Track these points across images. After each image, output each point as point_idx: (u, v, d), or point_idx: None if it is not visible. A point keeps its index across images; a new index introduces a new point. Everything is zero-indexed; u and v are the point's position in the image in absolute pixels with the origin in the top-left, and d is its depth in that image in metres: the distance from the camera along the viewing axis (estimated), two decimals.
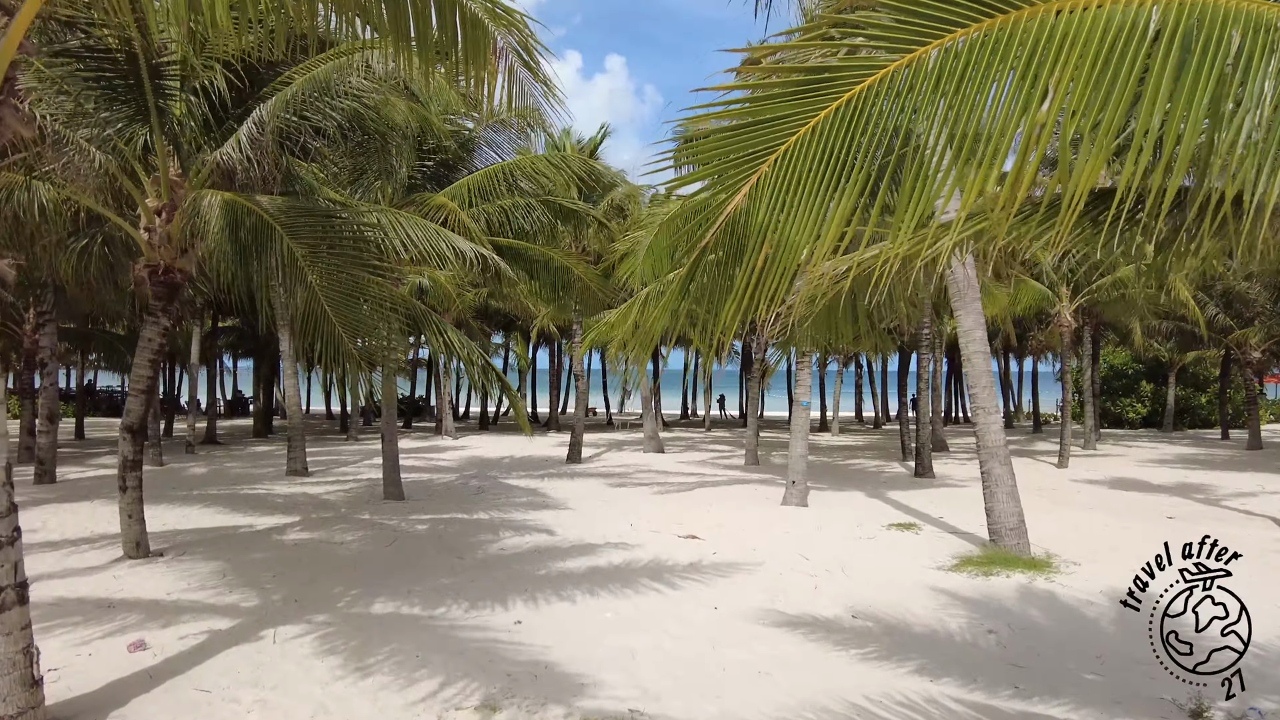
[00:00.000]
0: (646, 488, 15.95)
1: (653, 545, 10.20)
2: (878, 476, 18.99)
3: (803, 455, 13.95)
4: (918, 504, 14.26)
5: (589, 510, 13.17)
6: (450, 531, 11.12)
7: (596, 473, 18.78)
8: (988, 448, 9.78)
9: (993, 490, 9.71)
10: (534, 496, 14.72)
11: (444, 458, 22.48)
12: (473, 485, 16.45)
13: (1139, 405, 38.55)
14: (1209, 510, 13.63)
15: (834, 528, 11.59)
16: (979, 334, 9.95)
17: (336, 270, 7.53)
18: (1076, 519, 12.59)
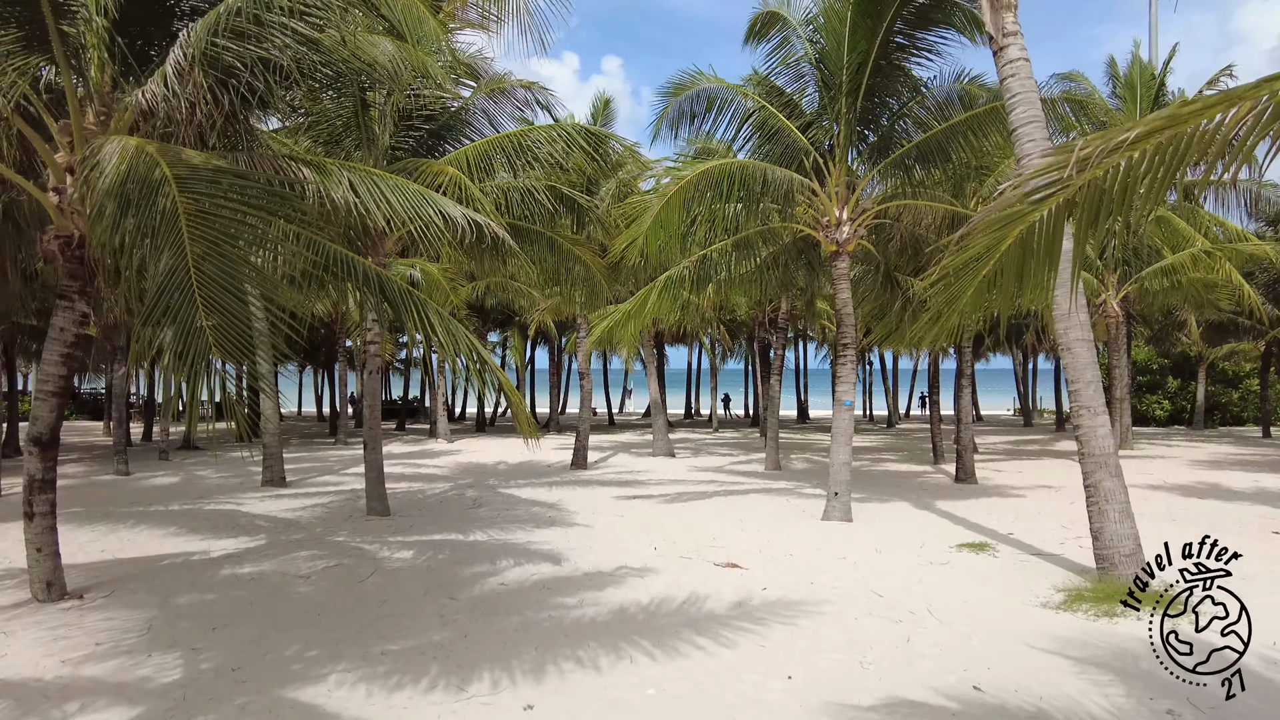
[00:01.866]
0: (663, 499, 14.17)
1: (685, 576, 8.42)
2: (916, 483, 17.22)
3: (846, 463, 12.16)
4: (976, 517, 12.50)
5: (602, 527, 11.38)
6: (440, 559, 9.32)
7: (605, 480, 16.98)
8: (1094, 456, 8.01)
9: (1101, 508, 7.94)
10: (538, 510, 12.92)
11: (437, 464, 20.68)
12: (469, 497, 14.66)
13: (1165, 402, 36.88)
14: None
15: (895, 551, 9.82)
16: (1081, 317, 8.19)
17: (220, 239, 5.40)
18: (1168, 536, 10.79)
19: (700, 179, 11.04)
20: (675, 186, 10.97)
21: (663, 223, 11.31)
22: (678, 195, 11.07)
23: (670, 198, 11.11)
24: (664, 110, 12.54)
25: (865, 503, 13.71)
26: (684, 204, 11.28)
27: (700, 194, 11.35)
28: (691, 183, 11.04)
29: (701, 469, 19.41)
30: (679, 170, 11.37)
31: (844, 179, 12.41)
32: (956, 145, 11.80)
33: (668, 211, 11.20)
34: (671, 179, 11.39)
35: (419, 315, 7.34)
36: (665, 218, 11.27)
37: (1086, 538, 10.86)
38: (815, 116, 12.92)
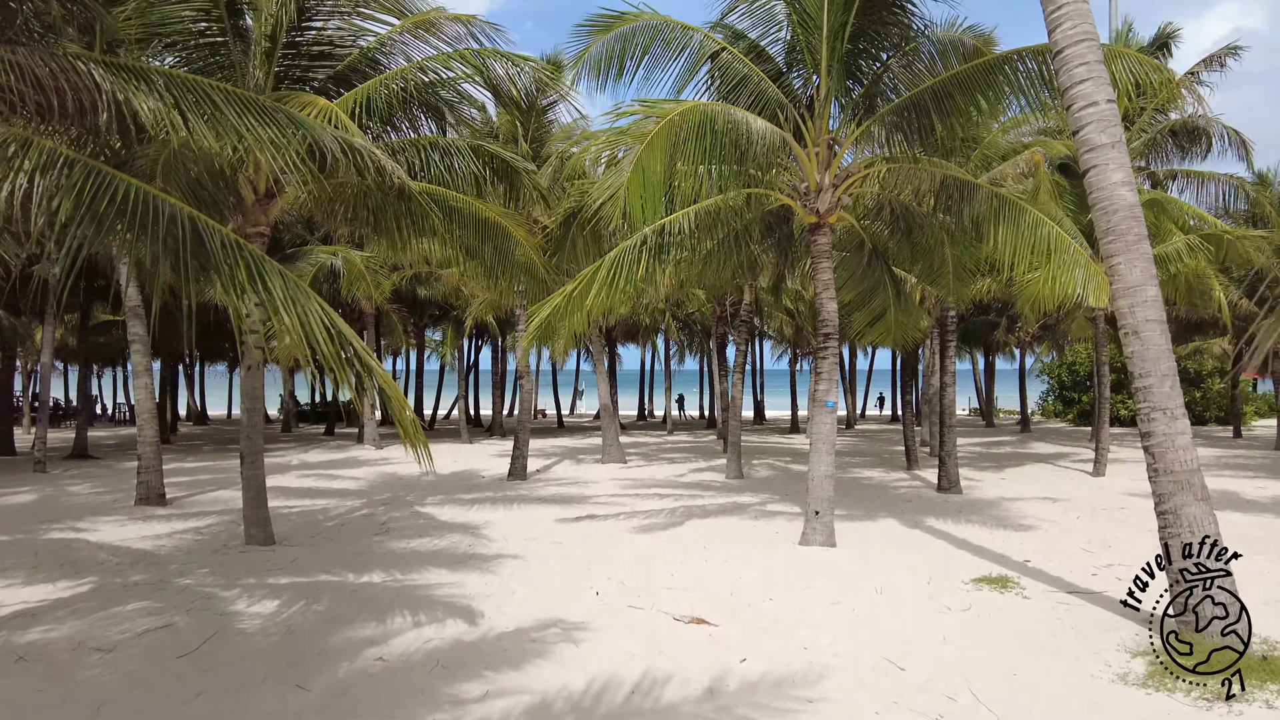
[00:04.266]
0: (613, 520, 11.99)
1: (636, 639, 6.28)
2: (896, 494, 15.35)
3: (828, 476, 10.15)
4: (979, 538, 10.61)
5: (534, 562, 9.18)
6: (311, 615, 7.03)
7: (545, 495, 14.75)
8: (1173, 473, 6.09)
9: (1184, 542, 6.01)
10: (456, 538, 10.65)
11: (355, 475, 18.21)
12: (380, 517, 12.32)
13: (1129, 402, 35.85)
14: None
15: (900, 590, 7.81)
16: (1151, 291, 6.27)
17: None
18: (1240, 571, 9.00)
19: (683, 119, 8.67)
20: (658, 125, 8.53)
21: (645, 172, 8.48)
22: (662, 135, 8.55)
23: (653, 138, 8.51)
24: (584, 50, 10.12)
25: (846, 520, 11.73)
26: (670, 148, 8.68)
27: (683, 142, 8.83)
28: (676, 122, 8.64)
29: (656, 480, 17.29)
30: (659, 106, 8.92)
31: (825, 138, 10.40)
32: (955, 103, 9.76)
33: (650, 157, 8.50)
34: (646, 117, 8.71)
35: (251, 275, 5.07)
36: (648, 164, 8.49)
37: (1120, 565, 9.05)
38: (788, 64, 10.89)
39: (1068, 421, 38.72)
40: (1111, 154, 6.36)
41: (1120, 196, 6.32)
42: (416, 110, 11.38)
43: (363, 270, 23.97)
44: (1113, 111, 6.42)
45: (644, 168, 8.30)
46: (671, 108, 8.90)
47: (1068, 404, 39.10)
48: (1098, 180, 6.40)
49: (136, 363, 13.99)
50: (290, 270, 21.54)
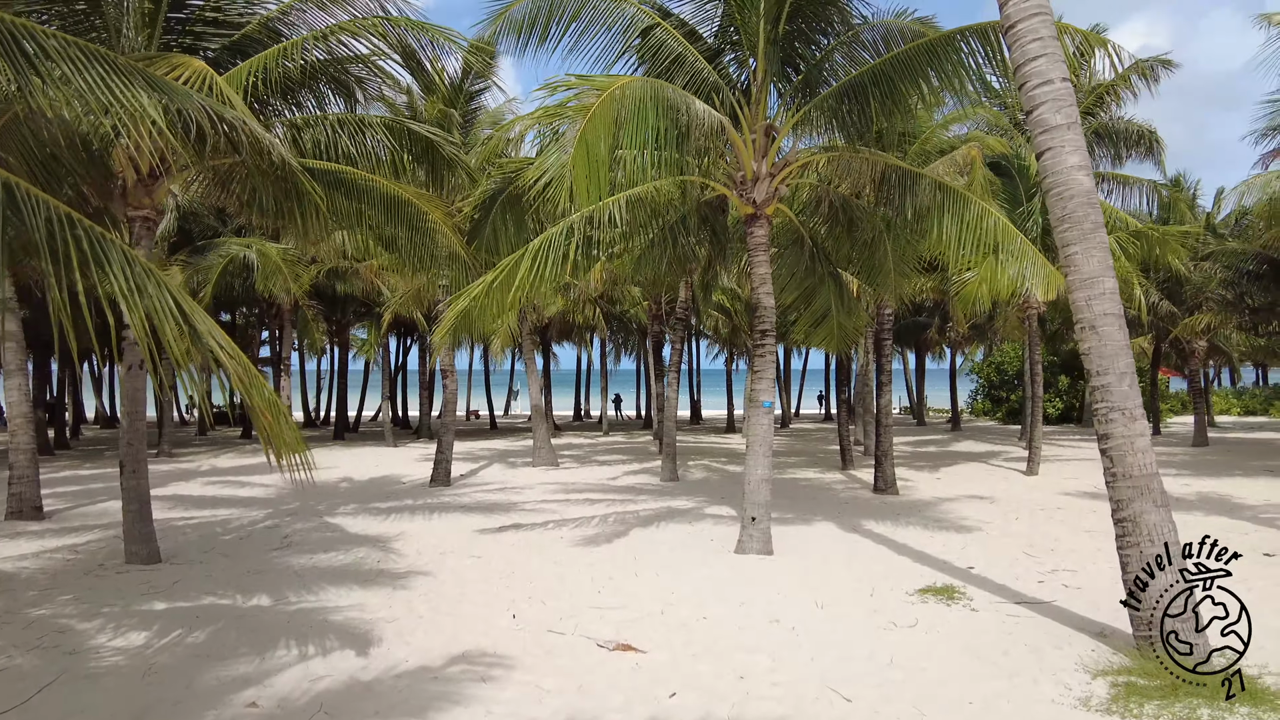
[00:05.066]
0: (539, 529, 11.25)
1: (555, 673, 5.58)
2: (833, 495, 14.97)
3: (765, 479, 9.62)
4: (919, 542, 10.22)
5: (448, 579, 8.39)
6: (183, 648, 6.13)
7: (468, 502, 13.90)
8: (1131, 478, 5.67)
9: (1144, 551, 5.61)
10: (364, 553, 9.77)
11: (267, 481, 17.01)
12: (284, 529, 11.32)
13: (1056, 400, 36.69)
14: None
15: (841, 603, 7.29)
16: (1110, 283, 5.85)
17: None
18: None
19: (625, 93, 7.90)
20: (600, 98, 7.70)
21: (590, 149, 7.58)
22: (604, 109, 7.71)
23: (595, 112, 7.65)
24: (506, 6, 9.27)
25: (783, 524, 11.24)
26: (613, 126, 7.82)
27: (625, 122, 7.98)
28: (618, 97, 7.84)
29: (588, 483, 16.59)
30: (596, 79, 8.09)
31: (762, 124, 9.86)
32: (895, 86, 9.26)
33: (594, 133, 7.62)
34: (584, 92, 7.81)
35: (86, 257, 4.21)
36: (592, 140, 7.60)
37: (1064, 570, 8.74)
38: (722, 45, 10.32)
39: (996, 420, 39.39)
40: (1067, 135, 5.93)
41: (1076, 181, 5.89)
42: (324, 86, 10.47)
43: (279, 263, 22.64)
44: (1068, 90, 6.00)
45: (588, 144, 7.52)
46: (610, 81, 8.17)
47: (996, 402, 39.78)
48: (1053, 163, 5.96)
49: (8, 361, 12.64)
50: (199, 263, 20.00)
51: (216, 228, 24.52)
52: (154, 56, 7.25)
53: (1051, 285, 9.54)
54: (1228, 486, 15.36)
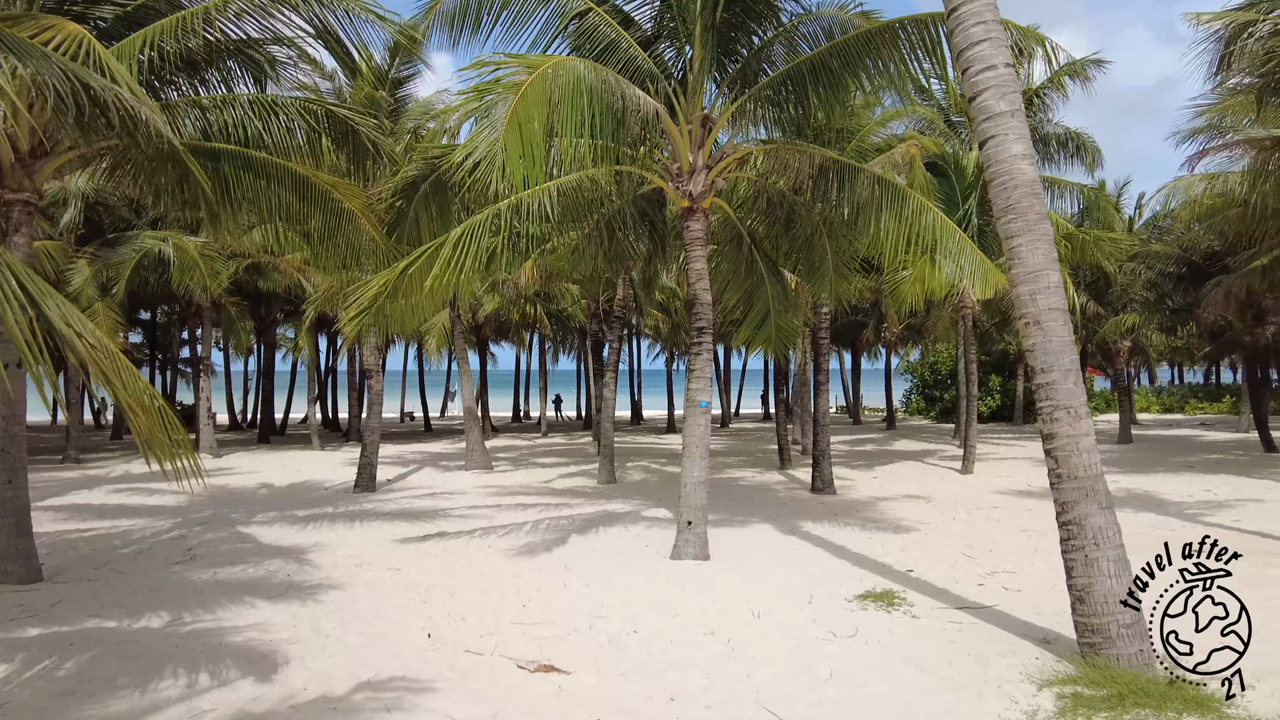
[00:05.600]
0: (465, 537, 10.70)
1: (470, 698, 5.10)
2: (771, 495, 14.75)
3: (701, 482, 9.27)
4: (858, 544, 10.01)
5: (361, 594, 7.81)
6: (46, 684, 5.46)
7: (393, 509, 13.25)
8: (1076, 479, 5.47)
9: (1089, 556, 5.40)
10: (275, 565, 9.11)
11: (179, 489, 16.01)
12: (190, 541, 10.54)
13: (988, 399, 37.45)
14: (1227, 535, 10.26)
15: (778, 611, 6.96)
16: (1054, 277, 5.64)
17: None
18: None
19: (557, 73, 7.39)
20: (532, 75, 7.17)
21: (523, 127, 6.99)
22: (537, 87, 7.19)
23: (528, 89, 7.11)
24: (434, 1, 8.76)
25: (720, 526, 10.93)
26: (546, 106, 7.30)
27: (558, 104, 7.45)
28: (550, 76, 7.33)
29: (522, 487, 16.05)
30: (527, 58, 7.55)
31: (698, 114, 9.52)
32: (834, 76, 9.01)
33: (526, 111, 7.04)
34: (515, 71, 7.25)
35: None
36: (525, 118, 7.02)
37: (1003, 572, 8.59)
38: (657, 32, 9.94)
39: (931, 419, 40.01)
40: (1011, 123, 5.70)
41: (1021, 170, 5.66)
42: (232, 63, 9.77)
43: (196, 258, 21.46)
44: (1011, 76, 5.77)
45: (521, 123, 7.01)
46: (542, 60, 7.68)
47: (930, 401, 40.43)
48: (996, 152, 5.72)
49: None
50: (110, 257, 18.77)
51: (130, 219, 23.18)
52: (20, 17, 6.51)
53: (989, 283, 9.42)
54: (1153, 483, 15.64)
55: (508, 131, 6.71)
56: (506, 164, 6.80)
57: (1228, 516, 11.84)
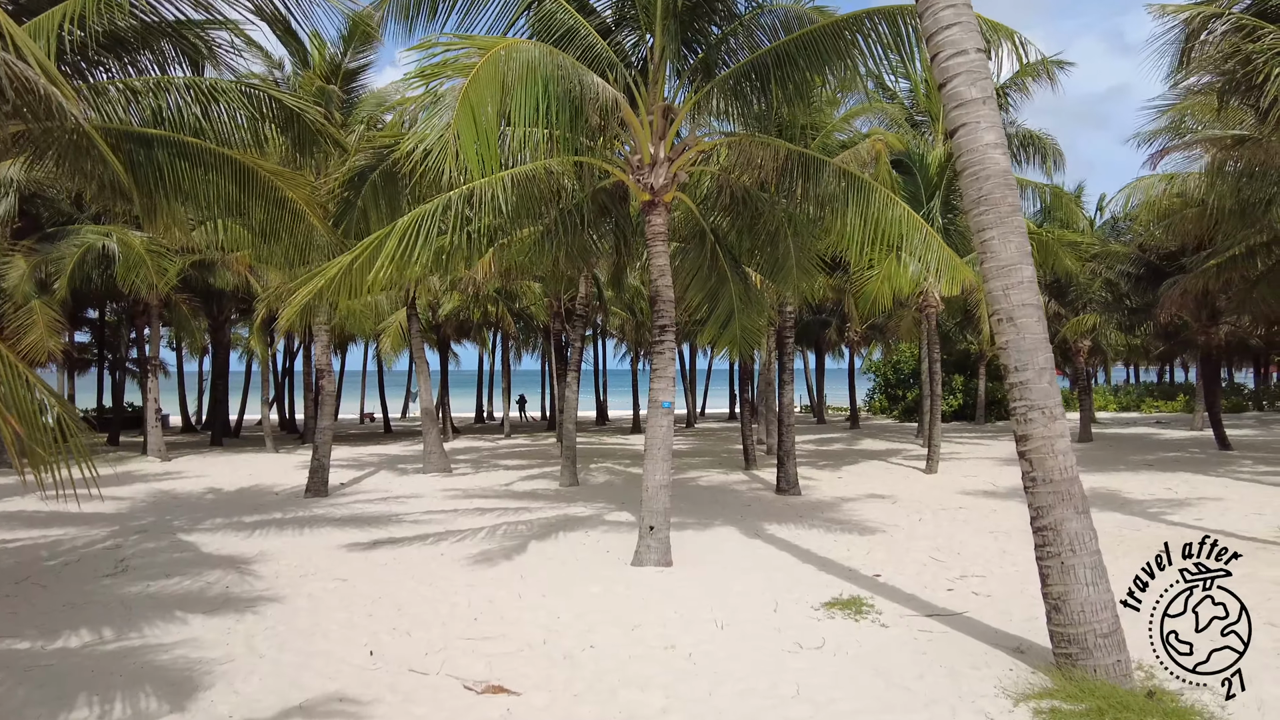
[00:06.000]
0: (418, 544, 10.26)
1: None
2: (735, 497, 14.50)
3: (664, 486, 8.96)
4: (824, 547, 9.77)
5: (303, 607, 7.36)
6: None
7: (345, 514, 12.75)
8: (1052, 482, 5.23)
9: (1065, 563, 5.17)
10: (216, 576, 8.60)
11: (121, 494, 15.33)
12: (125, 551, 9.98)
13: (951, 399, 37.71)
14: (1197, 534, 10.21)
15: (742, 621, 6.66)
16: (1028, 272, 5.41)
17: None
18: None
19: (510, 55, 6.97)
20: (485, 57, 6.73)
21: (475, 111, 6.56)
22: (489, 70, 6.77)
23: (479, 72, 6.69)
24: None
25: (683, 530, 10.64)
26: (500, 90, 6.91)
27: (511, 87, 7.02)
28: (503, 58, 6.92)
29: (482, 490, 15.61)
30: (479, 39, 7.10)
31: (659, 105, 9.20)
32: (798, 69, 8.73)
33: (478, 94, 6.62)
34: (467, 54, 6.80)
35: None
36: (477, 102, 6.59)
37: (972, 576, 8.38)
38: (617, 20, 9.59)
39: (893, 418, 40.20)
40: (982, 110, 5.46)
41: (993, 160, 5.42)
42: (166, 45, 9.22)
43: (143, 254, 20.68)
44: (983, 62, 5.53)
45: (473, 106, 6.60)
46: (495, 42, 7.27)
47: (893, 400, 40.63)
48: (967, 140, 5.48)
49: None
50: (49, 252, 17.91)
51: (71, 213, 22.27)
52: None
53: (956, 279, 9.23)
54: (1115, 481, 15.67)
55: (460, 116, 6.32)
56: (461, 150, 6.40)
57: (1190, 515, 11.83)
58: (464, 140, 6.40)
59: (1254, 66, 8.73)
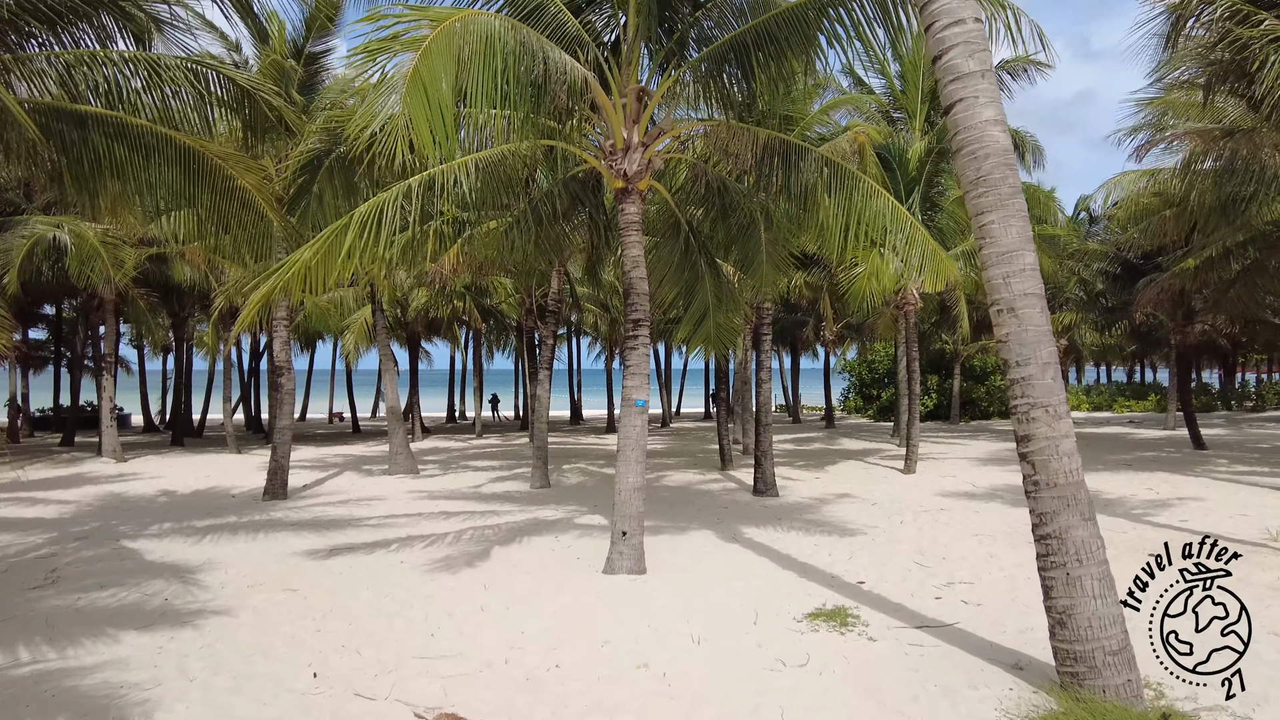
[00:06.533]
0: (378, 551, 9.70)
1: None
2: (711, 499, 14.06)
3: (638, 488, 8.49)
4: (804, 552, 9.36)
5: (247, 622, 6.79)
6: None
7: (303, 518, 12.13)
8: (1056, 486, 4.83)
9: (1071, 574, 4.77)
10: (158, 586, 8.00)
11: (69, 497, 14.59)
12: (61, 559, 9.32)
13: (926, 399, 37.62)
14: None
15: (720, 635, 6.21)
16: (1030, 258, 5.01)
17: None
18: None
19: (467, 28, 6.42)
20: (437, 30, 6.17)
21: (428, 89, 6.09)
22: (442, 44, 6.28)
23: (431, 45, 6.19)
24: None
25: (657, 534, 10.19)
26: (455, 66, 6.43)
27: (467, 62, 6.48)
28: (458, 32, 6.36)
29: (449, 492, 15.04)
30: (432, 10, 6.53)
31: (633, 88, 8.72)
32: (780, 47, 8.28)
33: (430, 70, 6.14)
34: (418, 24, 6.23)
35: None
36: (429, 79, 6.12)
37: (960, 583, 7.99)
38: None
39: (868, 417, 40.05)
40: (981, 84, 5.05)
41: (992, 138, 5.01)
42: (106, 19, 8.60)
43: (97, 246, 19.83)
44: (981, 32, 5.12)
45: (425, 83, 6.08)
46: (450, 13, 6.74)
47: (868, 400, 40.50)
48: (965, 117, 5.06)
49: None
50: None
51: (18, 203, 21.35)
52: None
53: (942, 275, 8.85)
54: (1095, 482, 15.39)
55: (410, 94, 5.79)
56: (413, 131, 5.88)
57: (1174, 516, 11.59)
58: (416, 118, 5.88)
59: (1249, 52, 8.44)
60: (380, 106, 6.06)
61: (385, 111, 5.87)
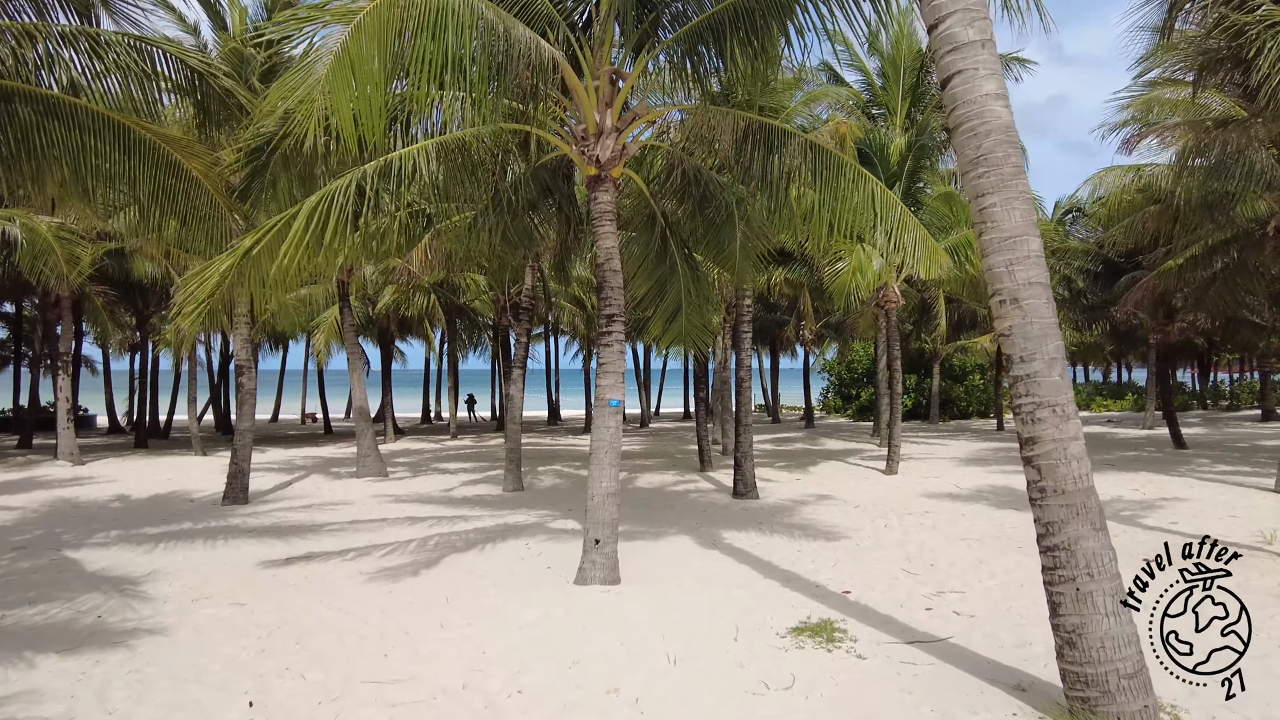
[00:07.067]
0: (337, 560, 9.14)
1: None
2: (690, 502, 13.61)
3: (611, 494, 8.00)
4: (787, 559, 8.92)
5: (185, 641, 6.24)
6: None
7: (262, 524, 11.54)
8: (1065, 493, 4.42)
9: (1080, 589, 4.36)
10: (95, 600, 7.41)
11: (15, 503, 13.88)
12: None
13: (905, 398, 37.45)
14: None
15: (699, 653, 5.75)
16: (1035, 244, 4.59)
17: None
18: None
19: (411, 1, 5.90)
20: (373, 2, 5.64)
21: (355, 66, 5.64)
22: (380, 16, 5.74)
23: (365, 19, 5.67)
24: None
25: (633, 540, 9.73)
26: (394, 41, 5.93)
27: (413, 36, 5.98)
28: (400, 4, 5.80)
29: (418, 496, 14.48)
30: None
31: (606, 70, 8.25)
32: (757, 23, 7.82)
33: (360, 47, 5.65)
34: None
35: None
36: (358, 56, 5.65)
37: (950, 592, 7.57)
38: None
39: (848, 416, 39.85)
40: (981, 55, 4.63)
41: (994, 113, 4.59)
42: None
43: (50, 240, 19.01)
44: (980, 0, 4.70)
45: (353, 60, 5.58)
46: None
47: (847, 399, 40.30)
48: (964, 90, 4.64)
49: None
50: None
51: None
52: None
53: (934, 263, 8.46)
54: None
55: (333, 73, 5.27)
56: (335, 114, 5.37)
57: (1163, 518, 11.31)
58: (337, 101, 5.35)
59: (1245, 39, 8.13)
60: (298, 85, 5.54)
61: (302, 90, 5.35)
